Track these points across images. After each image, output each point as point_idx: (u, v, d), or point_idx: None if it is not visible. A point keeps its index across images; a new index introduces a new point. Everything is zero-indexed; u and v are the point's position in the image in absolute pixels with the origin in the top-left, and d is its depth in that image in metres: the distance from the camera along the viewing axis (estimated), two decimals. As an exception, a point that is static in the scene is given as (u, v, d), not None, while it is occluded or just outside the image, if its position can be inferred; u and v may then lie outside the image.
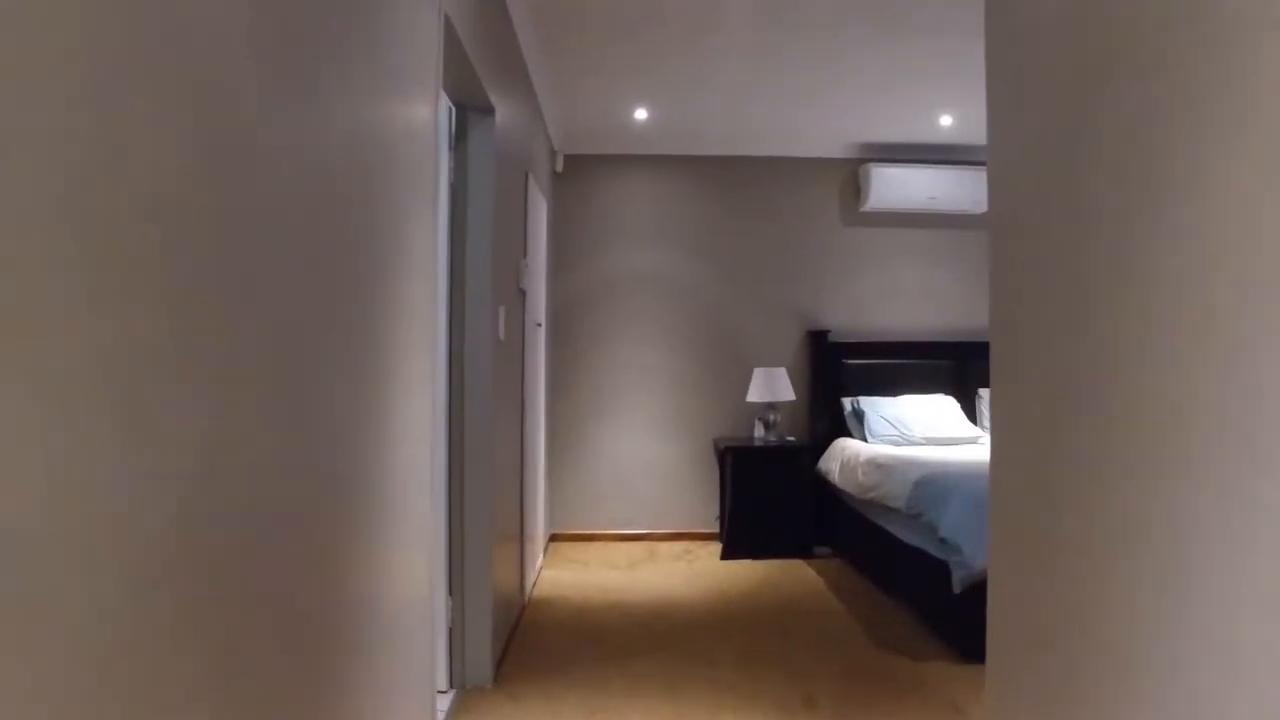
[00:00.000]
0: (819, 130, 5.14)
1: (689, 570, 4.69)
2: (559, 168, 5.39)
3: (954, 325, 5.57)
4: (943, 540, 3.22)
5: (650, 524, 5.43)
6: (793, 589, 4.31)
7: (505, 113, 3.24)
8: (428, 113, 2.04)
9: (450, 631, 2.89)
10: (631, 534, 5.41)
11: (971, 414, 5.32)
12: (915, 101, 4.57)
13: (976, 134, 5.28)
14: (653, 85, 4.39)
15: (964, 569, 3.12)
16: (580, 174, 5.44)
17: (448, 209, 2.85)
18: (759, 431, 5.28)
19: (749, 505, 4.99)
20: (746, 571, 4.67)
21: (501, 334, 3.15)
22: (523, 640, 3.49)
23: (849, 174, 5.51)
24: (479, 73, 2.68)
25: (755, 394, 5.13)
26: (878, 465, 4.27)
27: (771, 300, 5.50)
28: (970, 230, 5.58)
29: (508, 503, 3.46)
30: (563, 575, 4.55)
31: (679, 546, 5.24)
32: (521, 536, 3.86)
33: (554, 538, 5.35)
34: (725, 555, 4.95)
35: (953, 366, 5.43)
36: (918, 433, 4.90)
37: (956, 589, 3.14)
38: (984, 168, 5.14)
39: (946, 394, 5.33)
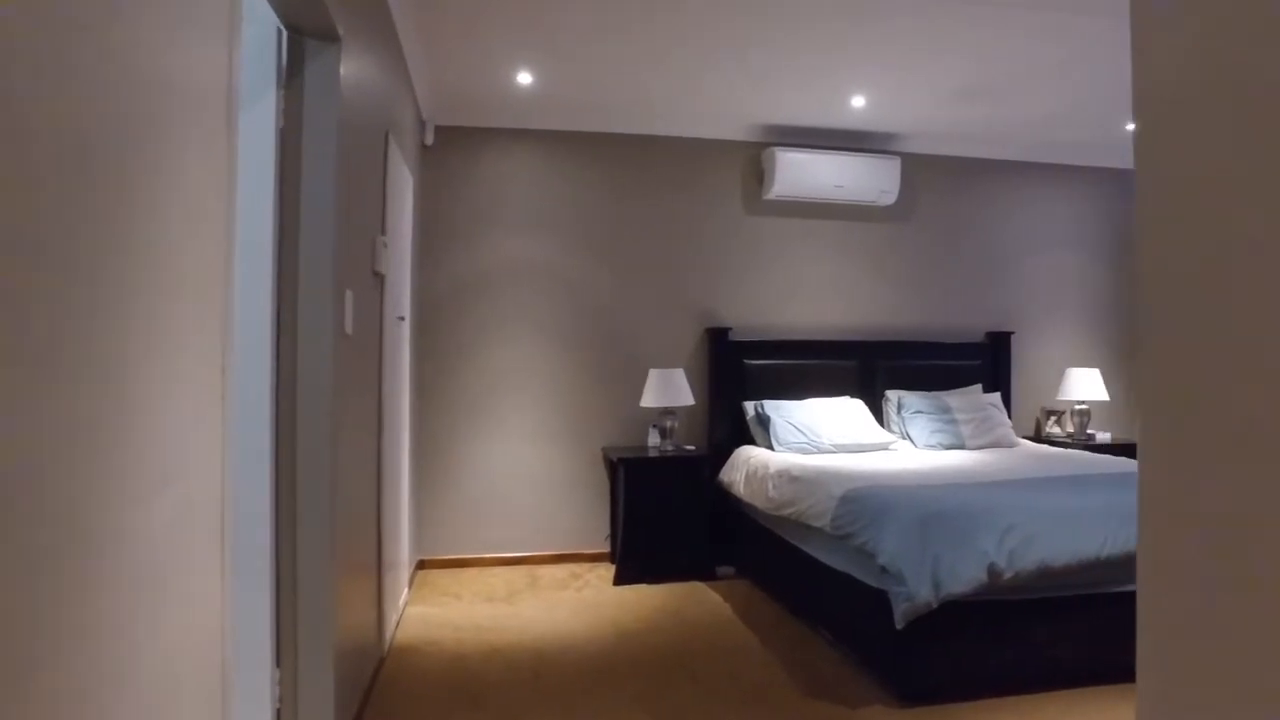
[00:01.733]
0: (720, 109, 4.68)
1: (577, 600, 4.11)
2: (429, 140, 4.69)
3: (860, 324, 5.26)
4: (883, 569, 2.79)
5: (533, 546, 4.81)
6: (697, 619, 3.81)
7: (358, 48, 2.57)
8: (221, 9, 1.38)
9: (279, 714, 2.20)
10: (512, 557, 4.77)
11: (879, 418, 5.01)
12: (826, 80, 4.18)
13: (889, 119, 5.02)
14: (537, 45, 3.79)
15: (906, 601, 2.69)
16: (455, 148, 4.76)
17: (276, 160, 2.16)
18: (654, 440, 4.77)
19: (644, 522, 4.47)
20: (643, 598, 4.13)
21: (349, 326, 2.47)
22: (381, 705, 2.81)
23: (752, 158, 5.09)
24: (317, -22, 2.02)
25: (650, 398, 4.61)
26: (792, 478, 3.84)
27: (668, 295, 5.00)
28: (877, 223, 5.27)
29: (361, 529, 2.79)
30: (432, 612, 3.87)
31: (565, 571, 4.65)
32: (380, 567, 3.18)
33: (422, 565, 4.65)
34: (618, 579, 4.40)
35: (859, 367, 5.10)
36: (827, 439, 4.52)
37: (900, 624, 2.71)
38: (894, 156, 4.82)
39: (854, 396, 5.00)
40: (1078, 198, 5.65)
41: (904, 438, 4.86)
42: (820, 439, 4.51)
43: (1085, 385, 5.19)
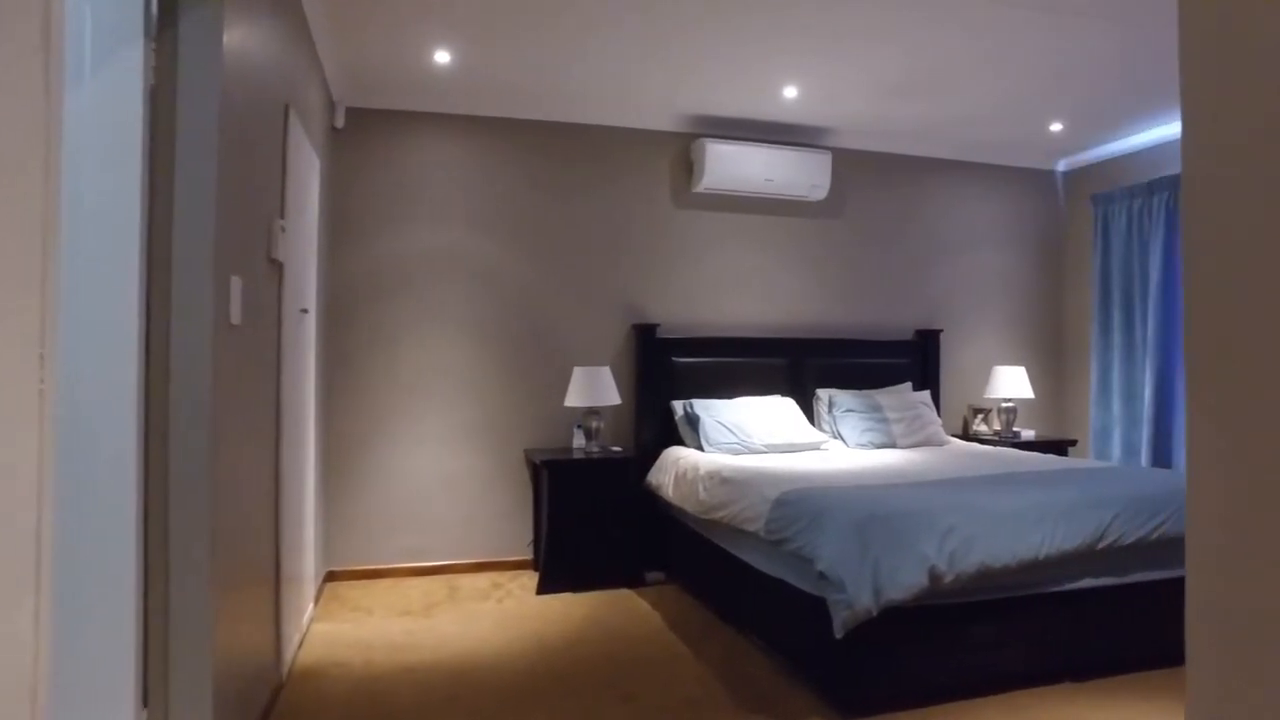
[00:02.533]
0: (649, 98, 4.51)
1: (499, 612, 3.87)
2: (340, 123, 4.38)
3: (791, 321, 5.16)
4: (821, 575, 2.65)
5: (451, 553, 4.54)
6: (626, 629, 3.62)
7: (248, 10, 2.29)
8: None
9: (146, 762, 1.92)
10: (429, 567, 4.49)
11: (810, 417, 4.92)
12: (757, 70, 4.05)
13: (821, 112, 4.90)
14: (456, 22, 3.54)
15: (846, 609, 2.56)
16: (367, 132, 4.45)
17: (145, 122, 1.88)
18: (579, 441, 4.56)
19: (569, 528, 4.26)
20: (568, 608, 3.92)
21: (236, 315, 2.19)
22: (274, 741, 2.53)
23: (681, 150, 4.94)
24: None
25: (575, 397, 4.41)
26: (723, 480, 3.68)
27: (593, 290, 4.80)
28: (808, 218, 5.19)
29: (253, 541, 2.50)
30: (340, 630, 3.57)
31: (486, 580, 4.40)
32: (278, 582, 2.89)
33: (332, 577, 4.33)
34: (542, 588, 4.18)
35: (789, 365, 5.01)
36: (758, 439, 4.40)
37: (839, 633, 2.58)
38: (825, 151, 4.74)
39: (784, 395, 4.90)
40: (1005, 197, 5.69)
41: (835, 437, 4.79)
42: (751, 439, 4.39)
43: (1012, 383, 5.22)
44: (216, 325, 2.00)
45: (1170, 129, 4.93)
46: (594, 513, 4.30)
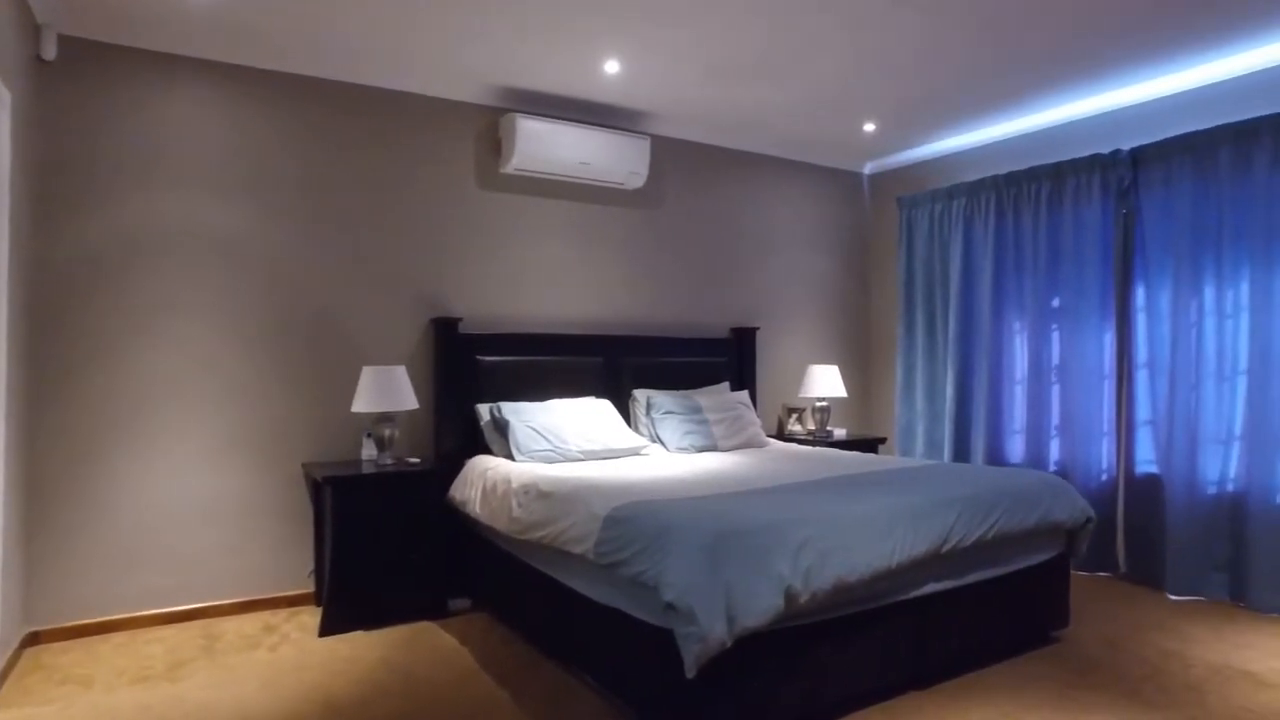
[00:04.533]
0: (453, 63, 3.94)
1: (272, 663, 3.17)
2: (48, 53, 3.42)
3: (606, 316, 4.81)
4: (669, 606, 2.28)
5: (210, 593, 3.73)
6: (431, 674, 3.07)
7: None
8: None
9: None
10: (179, 612, 3.66)
11: (627, 419, 4.59)
12: (576, 39, 3.63)
13: (643, 94, 4.43)
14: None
15: (698, 642, 2.21)
16: (90, 69, 3.54)
17: None
18: (369, 452, 3.93)
19: (358, 553, 3.62)
20: (359, 651, 3.30)
21: None
22: None
23: (488, 125, 4.42)
24: None
25: (364, 402, 3.77)
26: (540, 494, 3.23)
27: (385, 279, 4.17)
28: (625, 207, 4.86)
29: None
30: (37, 715, 2.73)
31: (256, 623, 3.65)
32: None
33: (33, 640, 3.38)
34: (326, 628, 3.51)
35: (605, 364, 4.65)
36: (574, 445, 3.99)
37: (691, 671, 2.22)
38: (645, 137, 4.38)
39: (600, 396, 4.53)
40: (818, 197, 5.69)
41: (655, 441, 4.49)
42: (567, 445, 3.97)
43: (826, 382, 5.19)
44: None
45: (971, 137, 5.12)
46: (387, 535, 3.68)
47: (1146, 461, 4.26)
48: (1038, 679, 2.97)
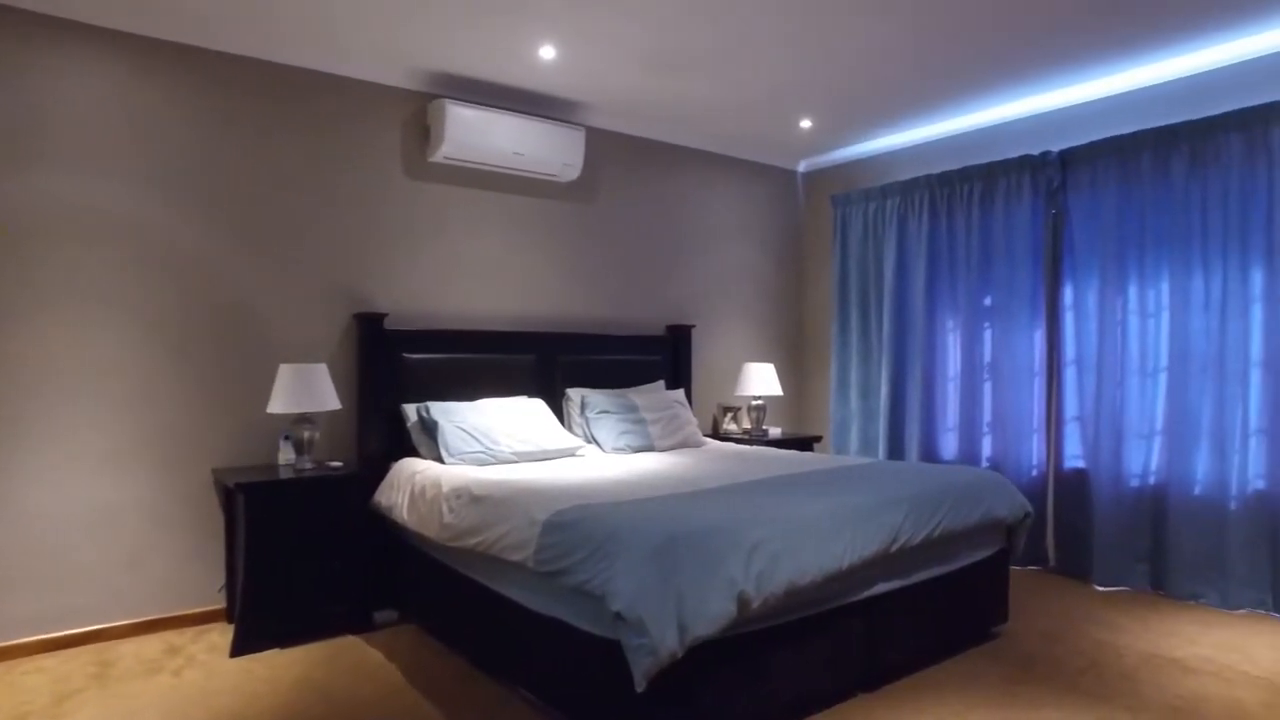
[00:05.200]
0: (379, 44, 3.71)
1: (176, 690, 2.90)
2: (-83, 19, 3.08)
3: (539, 313, 4.65)
4: (618, 616, 2.15)
5: (105, 614, 3.42)
6: (355, 693, 2.86)
7: None
8: None
9: None
10: (67, 637, 3.33)
11: (561, 419, 4.44)
12: (509, 22, 3.46)
13: (578, 84, 4.19)
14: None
15: (649, 655, 2.08)
16: (-35, 38, 3.19)
17: None
18: (287, 456, 3.68)
19: (274, 565, 3.36)
20: (276, 672, 3.06)
21: None
22: None
23: (417, 111, 4.20)
24: None
25: (281, 402, 3.51)
26: (473, 498, 3.06)
27: (304, 271, 3.91)
28: (559, 200, 4.71)
29: None
30: (-94, 753, 2.42)
31: (158, 644, 3.36)
32: None
33: (-99, 668, 3.02)
34: (239, 648, 3.25)
35: (537, 362, 4.49)
36: (507, 446, 3.82)
37: (641, 684, 2.09)
38: (580, 128, 4.25)
39: (532, 396, 4.37)
40: (755, 194, 5.65)
41: (590, 441, 4.35)
42: (499, 446, 3.80)
43: (762, 381, 5.15)
44: None
45: (905, 136, 5.16)
46: (306, 544, 3.44)
47: (1074, 457, 4.35)
48: (983, 676, 2.96)
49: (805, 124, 4.92)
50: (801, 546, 2.45)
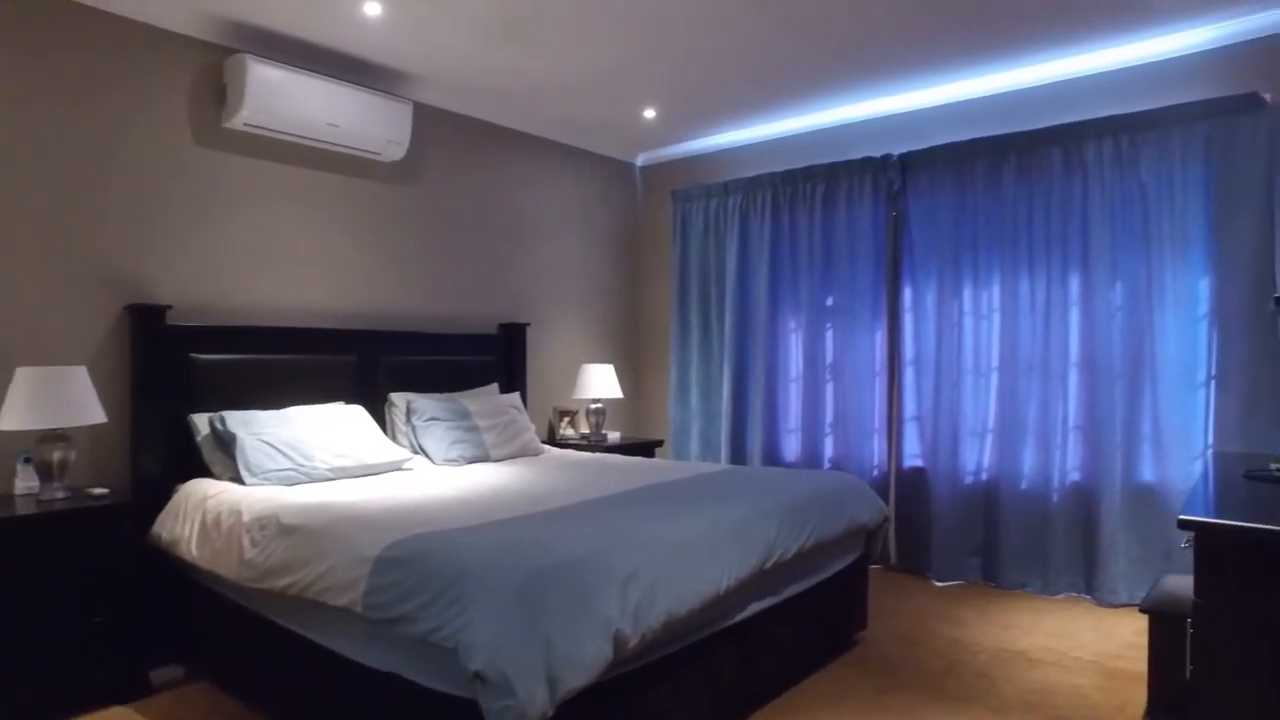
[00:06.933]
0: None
1: None
2: None
3: (357, 308, 4.11)
4: (478, 676, 1.77)
5: None
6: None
7: None
8: None
9: None
10: None
11: (383, 427, 3.94)
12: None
13: (406, 49, 3.65)
14: None
15: (516, 718, 1.73)
16: None
17: None
18: (28, 483, 2.94)
19: (15, 624, 2.65)
20: (13, 762, 2.40)
21: None
22: None
23: (211, 66, 3.55)
24: None
25: (17, 417, 2.79)
26: (283, 528, 2.55)
27: (60, 250, 3.16)
28: (381, 182, 4.19)
29: None
30: None
31: None
32: None
33: None
34: (-40, 733, 2.53)
35: (356, 364, 3.96)
36: (322, 461, 3.29)
37: (505, 758, 1.73)
38: (407, 102, 3.71)
39: (350, 402, 3.84)
40: (591, 186, 5.36)
41: (418, 451, 3.89)
42: (312, 462, 3.26)
43: (601, 382, 4.87)
44: None
45: (749, 133, 5.06)
46: (58, 594, 2.75)
47: (914, 455, 4.43)
48: (852, 687, 2.85)
49: (649, 114, 4.69)
50: (678, 572, 2.19)
